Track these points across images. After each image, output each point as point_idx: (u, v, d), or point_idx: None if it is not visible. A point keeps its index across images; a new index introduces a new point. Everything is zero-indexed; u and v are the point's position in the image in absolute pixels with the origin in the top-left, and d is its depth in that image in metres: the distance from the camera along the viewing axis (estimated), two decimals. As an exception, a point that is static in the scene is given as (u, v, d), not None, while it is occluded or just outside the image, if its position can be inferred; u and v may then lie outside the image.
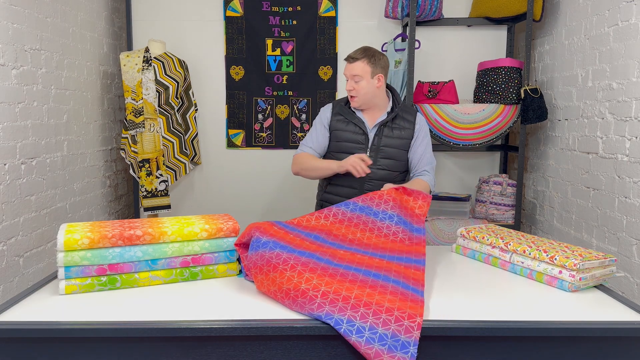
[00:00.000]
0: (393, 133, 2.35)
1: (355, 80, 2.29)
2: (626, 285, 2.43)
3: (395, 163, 2.36)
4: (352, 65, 2.29)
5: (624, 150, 2.46)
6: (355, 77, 2.28)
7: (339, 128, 2.38)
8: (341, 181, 2.38)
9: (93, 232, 1.55)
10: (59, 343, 1.33)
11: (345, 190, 2.37)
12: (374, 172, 2.32)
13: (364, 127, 2.34)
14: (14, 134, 2.39)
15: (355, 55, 2.30)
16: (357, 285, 1.46)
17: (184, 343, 1.34)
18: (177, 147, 3.41)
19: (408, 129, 2.37)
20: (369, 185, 2.33)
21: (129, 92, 3.27)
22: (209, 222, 1.70)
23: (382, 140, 2.33)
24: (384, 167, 2.34)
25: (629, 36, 2.43)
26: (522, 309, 1.46)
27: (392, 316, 1.33)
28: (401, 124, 2.36)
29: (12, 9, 2.40)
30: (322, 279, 1.46)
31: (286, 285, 1.45)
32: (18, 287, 2.41)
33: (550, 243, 1.78)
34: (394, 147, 2.35)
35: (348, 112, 2.38)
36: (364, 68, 2.28)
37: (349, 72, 2.31)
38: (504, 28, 3.56)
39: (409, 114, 2.39)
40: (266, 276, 1.51)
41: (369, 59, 2.29)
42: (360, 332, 1.29)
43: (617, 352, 1.37)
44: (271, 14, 3.61)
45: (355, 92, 2.30)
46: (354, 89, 2.30)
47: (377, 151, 2.33)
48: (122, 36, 3.76)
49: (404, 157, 2.38)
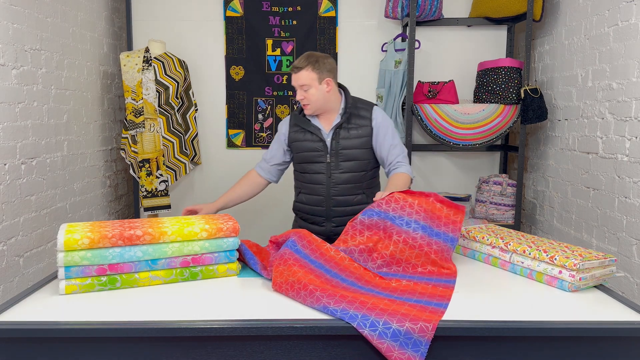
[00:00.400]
0: (350, 134, 2.28)
1: (304, 89, 2.23)
2: (626, 285, 2.43)
3: (357, 164, 2.29)
4: (298, 75, 2.23)
5: (624, 150, 2.46)
6: (303, 86, 2.23)
7: (297, 139, 2.34)
8: (309, 189, 2.35)
9: (93, 232, 1.55)
10: (59, 343, 1.33)
11: (313, 198, 2.34)
12: (337, 176, 2.28)
13: (320, 134, 2.28)
14: (14, 134, 2.40)
15: (299, 64, 2.23)
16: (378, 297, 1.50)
17: (184, 343, 1.34)
18: (177, 147, 3.41)
19: (365, 126, 2.29)
20: (335, 191, 2.29)
21: (129, 92, 3.27)
22: (209, 222, 1.70)
23: (339, 144, 2.27)
24: (346, 170, 2.28)
25: (629, 36, 2.43)
26: (522, 309, 1.46)
27: (407, 317, 1.35)
28: (357, 122, 2.29)
29: (12, 9, 2.40)
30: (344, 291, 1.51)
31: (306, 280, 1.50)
32: (18, 287, 2.41)
33: (550, 243, 1.78)
34: (353, 147, 2.28)
35: (303, 120, 2.33)
36: (310, 75, 2.22)
37: (296, 83, 2.25)
38: (504, 28, 3.56)
39: (364, 110, 2.32)
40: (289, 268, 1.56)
41: (312, 65, 2.23)
42: (374, 326, 1.32)
43: (617, 352, 1.37)
44: (271, 14, 3.61)
45: (307, 101, 2.25)
46: (304, 97, 2.24)
47: (337, 155, 2.27)
48: (122, 36, 3.76)
49: (366, 155, 2.30)
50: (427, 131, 3.33)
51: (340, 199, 2.29)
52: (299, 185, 2.42)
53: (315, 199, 2.33)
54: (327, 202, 2.30)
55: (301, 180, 2.39)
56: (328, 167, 2.28)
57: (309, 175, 2.33)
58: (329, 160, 2.28)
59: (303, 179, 2.37)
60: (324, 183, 2.29)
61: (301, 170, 2.37)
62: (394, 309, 1.40)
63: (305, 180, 2.35)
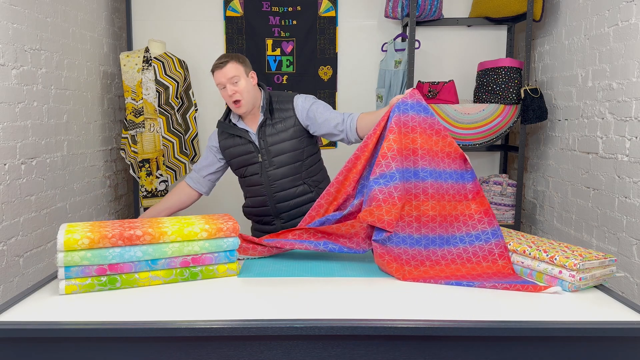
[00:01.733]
0: (275, 128, 2.25)
1: (233, 82, 2.17)
2: (626, 285, 2.43)
3: (290, 156, 2.26)
4: (225, 69, 2.16)
5: (624, 150, 2.46)
6: (232, 78, 2.16)
7: (227, 146, 2.31)
8: (251, 192, 2.34)
9: (93, 232, 1.55)
10: (59, 343, 1.33)
11: (256, 200, 2.33)
12: (272, 173, 2.26)
13: (248, 136, 2.26)
14: (14, 134, 2.39)
15: (222, 60, 2.18)
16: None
17: (184, 343, 1.34)
18: (177, 147, 3.41)
19: (289, 117, 2.25)
20: (274, 188, 2.27)
21: (129, 92, 3.27)
22: (209, 222, 1.70)
23: (267, 141, 2.24)
24: (280, 165, 2.25)
25: (629, 36, 2.43)
26: (522, 309, 1.46)
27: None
28: (281, 116, 2.26)
29: (12, 9, 2.40)
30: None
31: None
32: (18, 287, 2.41)
33: (550, 243, 1.78)
34: (282, 141, 2.25)
35: (229, 126, 2.29)
36: (237, 67, 2.18)
37: (224, 77, 2.16)
38: (504, 28, 3.56)
39: (285, 103, 2.28)
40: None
41: (236, 59, 2.19)
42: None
43: (617, 352, 1.37)
44: (271, 14, 3.61)
45: (239, 95, 2.18)
46: (235, 92, 2.17)
47: (268, 153, 2.25)
48: (122, 36, 3.76)
49: (297, 145, 2.26)
50: (427, 131, 3.32)
51: (282, 195, 2.27)
52: (243, 190, 2.42)
53: (259, 200, 2.32)
54: (271, 201, 2.29)
55: (243, 185, 2.39)
56: (262, 166, 2.26)
57: (247, 178, 2.32)
58: (261, 159, 2.26)
59: (243, 183, 2.37)
60: (263, 183, 2.28)
61: (240, 175, 2.36)
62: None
63: (246, 184, 2.35)
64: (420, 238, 1.80)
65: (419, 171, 1.82)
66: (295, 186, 2.28)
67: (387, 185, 1.76)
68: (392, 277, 1.74)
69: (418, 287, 1.64)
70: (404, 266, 1.74)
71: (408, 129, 1.83)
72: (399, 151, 1.80)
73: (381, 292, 1.60)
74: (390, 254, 1.75)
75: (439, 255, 1.79)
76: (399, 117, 1.83)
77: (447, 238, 1.82)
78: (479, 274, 1.74)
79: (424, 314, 1.41)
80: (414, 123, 1.83)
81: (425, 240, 1.80)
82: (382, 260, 1.75)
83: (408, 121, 1.83)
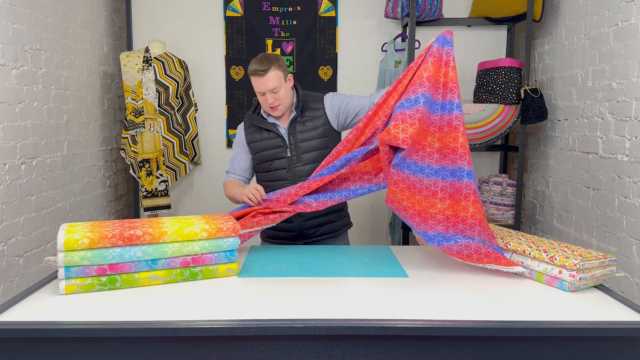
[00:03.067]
0: (306, 126, 2.27)
1: (274, 92, 2.17)
2: (626, 285, 2.43)
3: (318, 154, 2.27)
4: (266, 77, 2.14)
5: (624, 150, 2.46)
6: (273, 89, 2.16)
7: (255, 140, 2.31)
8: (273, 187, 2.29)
9: (93, 232, 1.55)
10: (59, 343, 1.33)
11: None
12: (299, 169, 2.26)
13: (277, 130, 2.27)
14: (14, 134, 2.40)
15: (263, 67, 2.15)
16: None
17: (184, 343, 1.34)
18: (177, 147, 3.41)
19: (319, 116, 2.28)
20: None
21: (129, 92, 3.27)
22: (209, 222, 1.70)
23: (297, 137, 2.26)
24: (307, 162, 2.26)
25: (629, 36, 2.43)
26: (522, 309, 1.46)
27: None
28: (311, 114, 2.28)
29: (12, 9, 2.40)
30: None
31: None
32: (18, 287, 2.41)
33: (550, 243, 1.78)
34: (311, 138, 2.27)
35: (258, 120, 2.30)
36: (278, 75, 2.17)
37: (264, 87, 2.15)
38: (504, 28, 3.56)
39: (315, 102, 2.31)
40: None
41: (276, 65, 2.18)
42: None
43: (617, 352, 1.37)
44: (271, 14, 3.61)
45: (278, 102, 2.20)
46: (275, 99, 2.18)
47: (297, 149, 2.27)
48: (122, 36, 3.76)
49: (326, 144, 2.28)
50: (427, 131, 3.33)
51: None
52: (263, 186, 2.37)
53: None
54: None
55: (264, 180, 2.36)
56: (289, 162, 2.27)
57: (272, 173, 2.31)
58: (290, 155, 2.27)
59: (266, 178, 2.35)
60: (288, 178, 2.28)
61: (263, 169, 2.34)
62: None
63: (268, 178, 2.33)
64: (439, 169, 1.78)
65: (446, 104, 1.80)
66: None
67: (411, 108, 1.76)
68: (392, 277, 1.73)
69: (418, 287, 1.64)
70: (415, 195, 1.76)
71: (442, 63, 1.82)
72: (428, 79, 1.79)
73: (381, 292, 1.60)
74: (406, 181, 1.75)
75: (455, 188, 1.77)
76: (440, 48, 1.84)
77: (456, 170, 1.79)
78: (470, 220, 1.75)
79: (424, 314, 1.41)
80: (448, 58, 1.83)
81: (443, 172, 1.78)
82: (396, 188, 1.75)
83: (443, 55, 1.83)
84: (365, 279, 1.72)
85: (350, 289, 1.62)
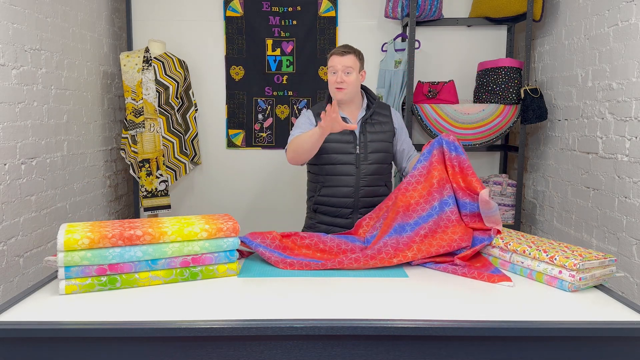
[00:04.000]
0: (375, 128, 2.36)
1: (347, 71, 2.27)
2: (626, 285, 2.43)
3: (383, 156, 2.36)
4: (345, 57, 2.28)
5: (624, 150, 2.46)
6: (347, 68, 2.27)
7: None
8: (335, 181, 2.33)
9: (93, 232, 1.55)
10: (59, 343, 1.33)
11: (340, 190, 2.32)
12: (366, 167, 2.32)
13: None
14: (14, 134, 2.40)
15: (346, 49, 2.30)
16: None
17: (184, 343, 1.34)
18: (177, 147, 3.41)
19: (387, 122, 2.40)
20: (364, 182, 2.30)
21: (129, 92, 3.27)
22: (209, 222, 1.70)
23: (367, 136, 2.34)
24: (374, 162, 2.33)
25: (629, 36, 2.43)
26: (522, 309, 1.46)
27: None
28: (379, 119, 2.39)
29: (12, 9, 2.40)
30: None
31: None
32: (18, 287, 2.41)
33: (550, 243, 1.78)
34: (379, 140, 2.36)
35: None
36: (355, 61, 2.30)
37: (340, 64, 2.27)
38: (504, 28, 3.56)
39: (384, 109, 2.43)
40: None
41: (357, 54, 2.33)
42: None
43: (617, 352, 1.37)
44: (271, 14, 3.61)
45: (345, 84, 2.28)
46: (344, 80, 2.28)
47: (366, 147, 2.33)
48: (122, 36, 3.76)
49: (388, 149, 2.39)
50: (427, 131, 3.33)
51: (369, 190, 2.33)
52: (320, 180, 2.39)
53: (344, 191, 2.33)
54: (356, 193, 2.32)
55: (325, 173, 2.35)
56: (357, 158, 2.31)
57: (338, 166, 2.32)
58: (359, 152, 2.32)
59: (328, 171, 2.35)
60: (353, 174, 2.31)
61: (326, 162, 2.34)
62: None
63: (331, 172, 2.34)
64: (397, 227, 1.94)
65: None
66: (379, 185, 2.37)
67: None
68: (393, 277, 1.74)
69: (418, 287, 1.64)
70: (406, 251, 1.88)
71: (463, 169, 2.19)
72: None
73: (381, 292, 1.60)
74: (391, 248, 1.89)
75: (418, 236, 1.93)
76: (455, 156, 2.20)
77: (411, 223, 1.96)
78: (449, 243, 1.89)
79: (424, 314, 1.41)
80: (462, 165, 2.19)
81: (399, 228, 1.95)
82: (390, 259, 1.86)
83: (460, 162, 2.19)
84: (365, 279, 1.72)
85: (350, 289, 1.62)
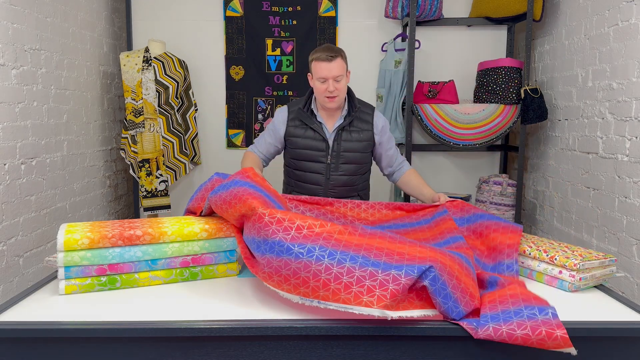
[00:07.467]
0: (352, 136, 2.24)
1: (337, 80, 2.14)
2: (626, 285, 2.43)
3: (356, 167, 2.27)
4: (333, 64, 2.11)
5: (624, 150, 2.46)
6: (338, 77, 2.14)
7: (296, 135, 2.26)
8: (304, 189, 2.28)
9: (93, 232, 1.55)
10: (59, 343, 1.33)
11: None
12: (335, 178, 2.24)
13: (323, 133, 2.23)
14: (14, 134, 2.40)
15: (332, 52, 2.12)
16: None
17: (184, 343, 1.34)
18: (177, 147, 3.41)
19: (366, 130, 2.26)
20: (332, 193, 2.25)
21: (129, 92, 3.27)
22: (209, 222, 1.70)
23: (341, 146, 2.23)
24: (345, 173, 2.25)
25: (629, 36, 2.43)
26: (522, 309, 1.46)
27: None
28: (359, 126, 2.25)
29: (12, 9, 2.40)
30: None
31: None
32: (18, 287, 2.41)
33: (550, 243, 1.78)
34: (354, 150, 2.25)
35: (307, 116, 2.25)
36: (342, 65, 2.16)
37: (330, 73, 2.11)
38: (504, 28, 3.56)
39: (366, 114, 2.28)
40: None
41: (343, 55, 2.18)
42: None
43: (617, 352, 1.37)
44: (271, 14, 3.61)
45: (337, 92, 2.16)
46: (336, 89, 2.15)
47: (338, 157, 2.23)
48: (122, 36, 3.76)
49: (364, 159, 2.28)
50: (427, 131, 3.33)
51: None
52: (291, 183, 2.34)
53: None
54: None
55: (295, 178, 2.31)
56: (327, 168, 2.23)
57: (307, 174, 2.27)
58: (329, 161, 2.23)
59: (298, 177, 2.30)
60: (322, 184, 2.25)
61: (296, 167, 2.29)
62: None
63: (300, 179, 2.29)
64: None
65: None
66: (350, 196, 2.27)
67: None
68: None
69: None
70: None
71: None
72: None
73: (381, 292, 1.59)
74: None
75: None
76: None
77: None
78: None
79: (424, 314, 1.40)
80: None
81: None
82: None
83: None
84: (365, 279, 1.72)
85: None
